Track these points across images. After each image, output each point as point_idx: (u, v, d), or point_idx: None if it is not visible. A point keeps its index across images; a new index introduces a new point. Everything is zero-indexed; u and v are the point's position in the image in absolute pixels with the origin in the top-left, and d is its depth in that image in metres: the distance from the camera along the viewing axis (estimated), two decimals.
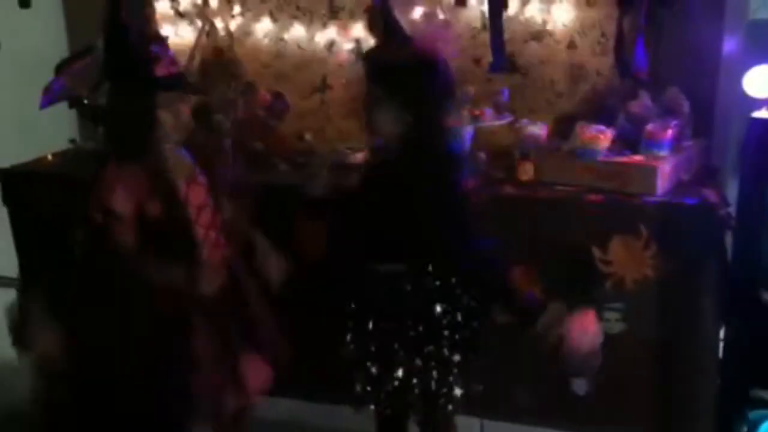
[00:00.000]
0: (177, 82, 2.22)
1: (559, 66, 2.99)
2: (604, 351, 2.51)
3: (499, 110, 2.83)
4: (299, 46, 3.25)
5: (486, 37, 2.92)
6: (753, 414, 2.39)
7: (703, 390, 2.46)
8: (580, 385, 2.59)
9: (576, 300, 2.43)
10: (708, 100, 2.77)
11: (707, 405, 2.46)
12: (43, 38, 3.50)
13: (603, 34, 2.91)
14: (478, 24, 2.99)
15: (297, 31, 3.24)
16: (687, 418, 2.51)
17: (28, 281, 3.22)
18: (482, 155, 2.74)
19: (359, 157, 2.92)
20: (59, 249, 3.10)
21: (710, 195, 2.39)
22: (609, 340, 2.49)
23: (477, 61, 3.03)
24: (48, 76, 3.05)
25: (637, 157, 2.50)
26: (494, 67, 2.81)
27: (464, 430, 2.41)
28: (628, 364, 2.51)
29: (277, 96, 3.12)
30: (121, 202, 2.03)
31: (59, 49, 3.45)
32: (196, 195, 2.21)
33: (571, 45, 2.97)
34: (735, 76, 2.54)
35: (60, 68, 3.07)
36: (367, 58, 2.28)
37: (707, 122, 2.76)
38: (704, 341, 2.42)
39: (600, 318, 2.48)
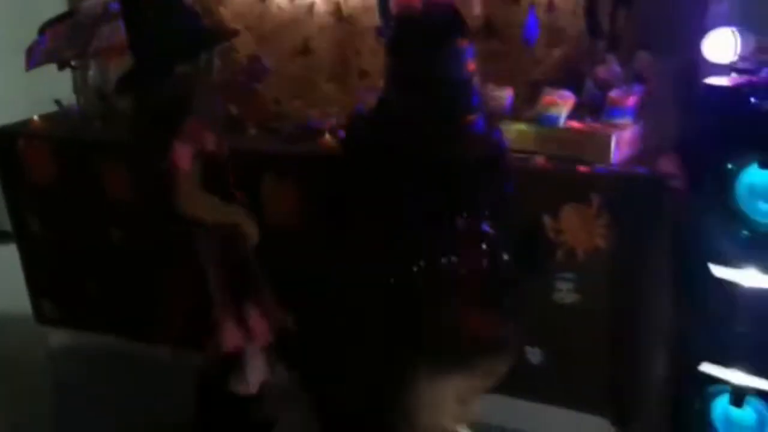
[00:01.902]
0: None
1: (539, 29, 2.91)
2: (558, 321, 2.51)
3: None
4: (280, 7, 3.25)
5: None
6: (709, 389, 2.33)
7: (656, 362, 2.41)
8: (534, 354, 2.58)
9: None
10: (690, 67, 2.66)
11: (660, 377, 2.41)
12: None
13: None
14: None
15: None
16: (639, 390, 2.47)
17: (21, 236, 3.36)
18: None
19: (328, 121, 2.93)
20: (47, 208, 3.25)
21: (667, 165, 2.31)
22: (562, 310, 2.48)
23: None
24: None
25: (596, 125, 2.44)
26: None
27: None
28: (581, 334, 2.48)
29: (256, 59, 3.13)
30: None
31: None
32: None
33: (551, 7, 2.88)
34: None
35: (44, 29, 3.14)
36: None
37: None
38: (656, 314, 2.37)
39: (552, 288, 2.48)
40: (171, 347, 2.61)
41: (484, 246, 2.03)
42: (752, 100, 2.01)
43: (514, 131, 2.50)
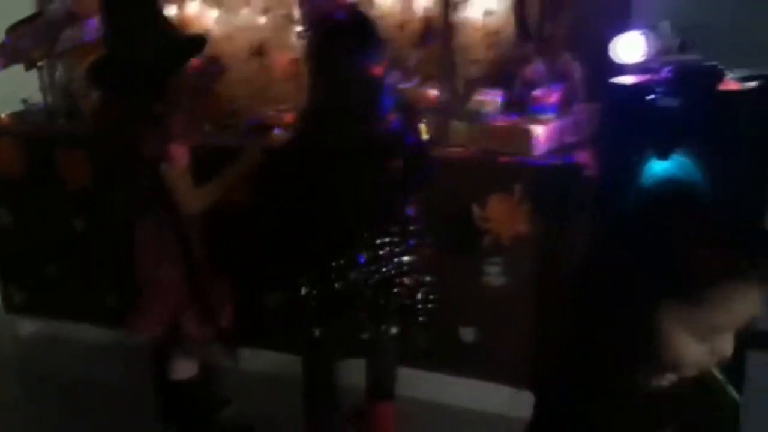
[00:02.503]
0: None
1: (476, 32, 3.12)
2: (488, 302, 2.72)
3: (407, 74, 2.98)
4: (236, 11, 3.43)
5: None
6: None
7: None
8: (466, 332, 2.78)
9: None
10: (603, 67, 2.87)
11: None
12: None
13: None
14: None
15: None
16: None
17: None
18: None
19: (283, 116, 3.12)
20: (15, 201, 3.41)
21: (582, 157, 2.53)
22: (491, 291, 2.69)
23: (401, 27, 3.19)
24: None
25: (521, 120, 2.65)
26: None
27: (349, 371, 2.59)
28: (510, 314, 2.68)
29: (212, 60, 3.31)
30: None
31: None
32: None
33: (487, 12, 3.09)
34: None
35: (11, 30, 3.31)
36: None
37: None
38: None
39: (482, 272, 2.68)
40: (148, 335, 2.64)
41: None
42: (649, 97, 2.22)
43: (447, 127, 2.71)
